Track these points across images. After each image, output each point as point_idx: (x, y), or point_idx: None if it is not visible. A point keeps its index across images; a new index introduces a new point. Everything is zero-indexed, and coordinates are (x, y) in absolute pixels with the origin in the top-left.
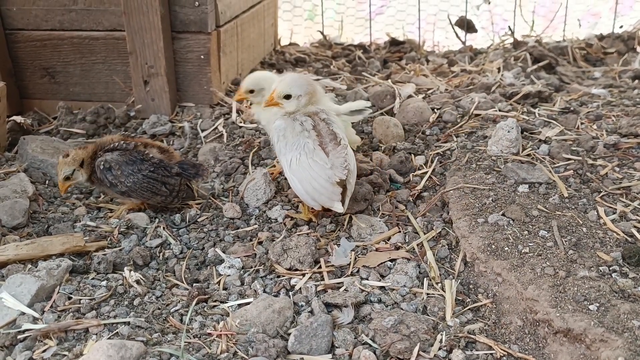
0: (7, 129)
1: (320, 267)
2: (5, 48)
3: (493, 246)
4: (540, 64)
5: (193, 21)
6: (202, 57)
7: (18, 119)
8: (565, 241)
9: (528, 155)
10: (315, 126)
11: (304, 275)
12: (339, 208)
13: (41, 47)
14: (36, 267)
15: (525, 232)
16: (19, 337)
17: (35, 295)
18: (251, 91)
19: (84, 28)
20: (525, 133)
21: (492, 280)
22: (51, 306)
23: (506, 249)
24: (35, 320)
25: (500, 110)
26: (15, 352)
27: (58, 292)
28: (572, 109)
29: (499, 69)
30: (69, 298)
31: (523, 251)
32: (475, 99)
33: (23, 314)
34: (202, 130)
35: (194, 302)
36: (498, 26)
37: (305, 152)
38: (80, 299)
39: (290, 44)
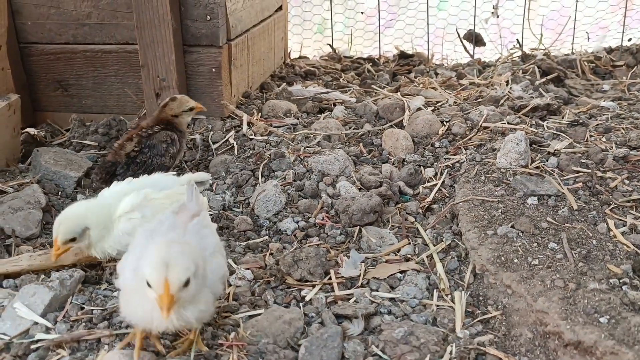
0: (21, 141)
1: (330, 278)
2: (20, 61)
3: (502, 258)
4: (549, 77)
5: (204, 35)
6: (213, 70)
7: (32, 131)
8: (575, 253)
9: (537, 167)
10: None
11: (314, 286)
12: None
13: (55, 61)
14: (49, 278)
15: (535, 244)
16: (32, 347)
17: (48, 305)
18: (72, 239)
19: (96, 42)
20: (534, 146)
21: (502, 292)
22: (64, 316)
23: (516, 261)
24: (48, 330)
25: (509, 123)
26: None
27: (71, 303)
28: (581, 121)
29: (507, 82)
30: (82, 308)
31: (532, 263)
32: (484, 111)
33: (36, 323)
34: (214, 143)
35: None
36: (506, 39)
37: None
38: (93, 310)
39: (300, 57)
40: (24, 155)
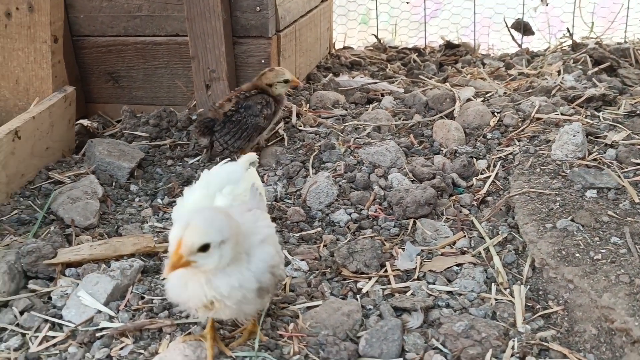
0: (75, 132)
1: (385, 270)
2: (73, 54)
3: (563, 252)
4: (601, 66)
5: (254, 26)
6: (262, 61)
7: (85, 122)
8: (639, 248)
9: (594, 159)
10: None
11: (370, 278)
12: None
13: (106, 53)
14: (110, 267)
15: (597, 239)
16: (96, 334)
17: (110, 294)
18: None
19: (147, 34)
20: (590, 137)
21: (563, 286)
22: (125, 305)
23: (577, 255)
24: (111, 318)
25: (562, 114)
26: (93, 349)
27: (131, 292)
28: (638, 112)
29: (558, 71)
30: (142, 297)
31: (595, 258)
32: (536, 102)
33: (100, 312)
34: None
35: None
36: (555, 28)
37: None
38: (153, 299)
39: (345, 48)
40: (77, 146)
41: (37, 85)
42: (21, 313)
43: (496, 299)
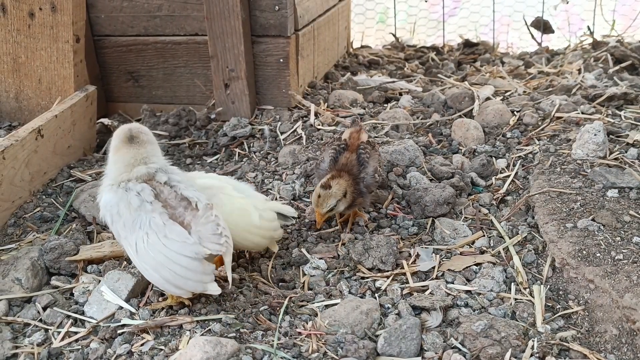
0: (96, 131)
1: (402, 268)
2: (94, 54)
3: (584, 252)
4: (623, 64)
5: (273, 25)
6: (281, 60)
7: (105, 121)
8: None
9: (615, 159)
10: (158, 195)
11: (388, 277)
12: (214, 290)
13: (126, 52)
14: (130, 264)
15: (618, 239)
16: (118, 331)
17: (131, 290)
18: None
19: (167, 33)
20: (611, 136)
21: (584, 287)
22: (146, 302)
23: (598, 255)
24: (132, 315)
25: (583, 113)
26: (115, 345)
27: (152, 289)
28: None
29: (579, 70)
30: (162, 294)
31: (616, 258)
32: (556, 101)
33: (121, 308)
34: (282, 133)
35: (286, 301)
36: (575, 26)
37: (153, 229)
38: None
39: (362, 47)
40: (98, 145)
41: (59, 85)
42: (44, 309)
43: (516, 299)
